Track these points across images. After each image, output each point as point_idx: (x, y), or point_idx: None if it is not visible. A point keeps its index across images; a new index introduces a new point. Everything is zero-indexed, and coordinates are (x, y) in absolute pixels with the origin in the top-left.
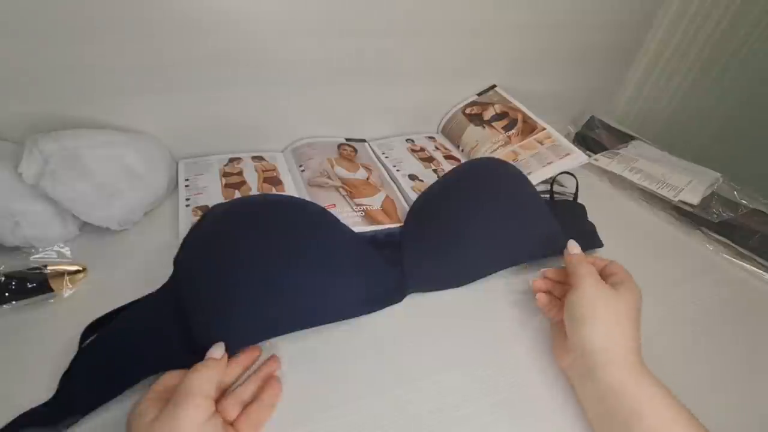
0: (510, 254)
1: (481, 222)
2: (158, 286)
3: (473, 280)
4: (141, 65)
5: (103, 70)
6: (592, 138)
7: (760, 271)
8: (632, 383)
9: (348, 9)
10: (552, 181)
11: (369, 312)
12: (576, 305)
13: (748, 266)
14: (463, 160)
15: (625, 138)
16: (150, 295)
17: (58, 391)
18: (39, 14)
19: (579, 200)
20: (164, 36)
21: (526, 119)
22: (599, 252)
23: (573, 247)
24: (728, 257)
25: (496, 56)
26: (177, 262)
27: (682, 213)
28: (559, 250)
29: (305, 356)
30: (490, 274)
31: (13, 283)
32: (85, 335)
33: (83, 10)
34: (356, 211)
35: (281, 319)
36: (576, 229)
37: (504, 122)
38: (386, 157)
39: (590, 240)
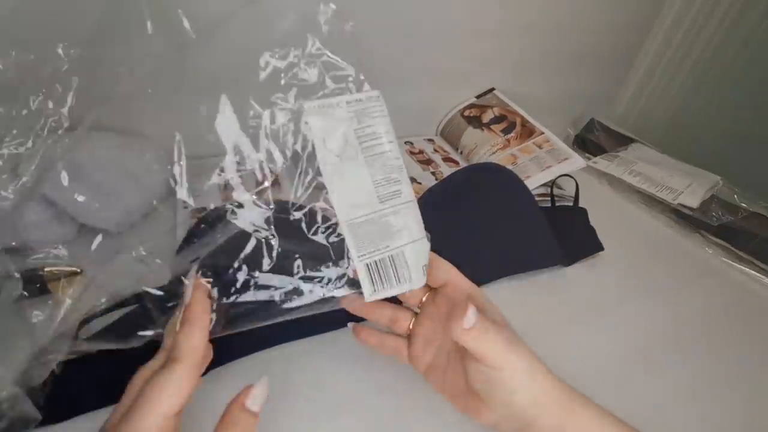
0: (506, 265)
1: (479, 231)
2: None
3: None
4: (139, 67)
5: (101, 72)
6: (591, 140)
7: (759, 275)
8: (572, 417)
9: (345, 11)
10: (552, 184)
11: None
12: (504, 383)
13: (747, 270)
14: (462, 163)
15: (624, 140)
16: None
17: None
18: (37, 17)
19: (578, 203)
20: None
21: (524, 123)
22: (600, 255)
23: (472, 315)
24: (727, 261)
25: (497, 58)
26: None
27: (682, 216)
28: (555, 264)
29: (296, 359)
30: (486, 283)
31: None
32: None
33: (81, 12)
34: None
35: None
36: (576, 234)
37: (503, 125)
38: None
39: (591, 244)
